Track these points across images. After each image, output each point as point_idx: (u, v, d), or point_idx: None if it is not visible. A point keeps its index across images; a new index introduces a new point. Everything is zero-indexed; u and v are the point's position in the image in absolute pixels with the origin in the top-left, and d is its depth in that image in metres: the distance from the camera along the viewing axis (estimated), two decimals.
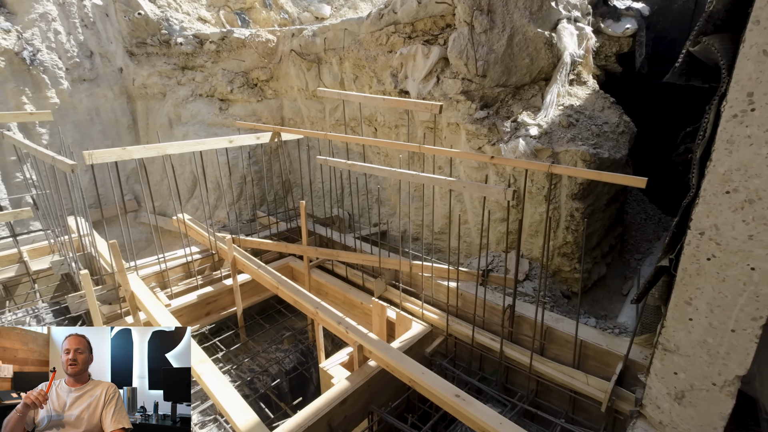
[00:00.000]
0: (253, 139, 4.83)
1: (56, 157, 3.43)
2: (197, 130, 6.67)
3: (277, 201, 7.19)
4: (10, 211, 4.65)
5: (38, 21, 6.02)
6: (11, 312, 4.87)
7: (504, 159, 2.95)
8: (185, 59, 6.83)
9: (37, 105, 6.19)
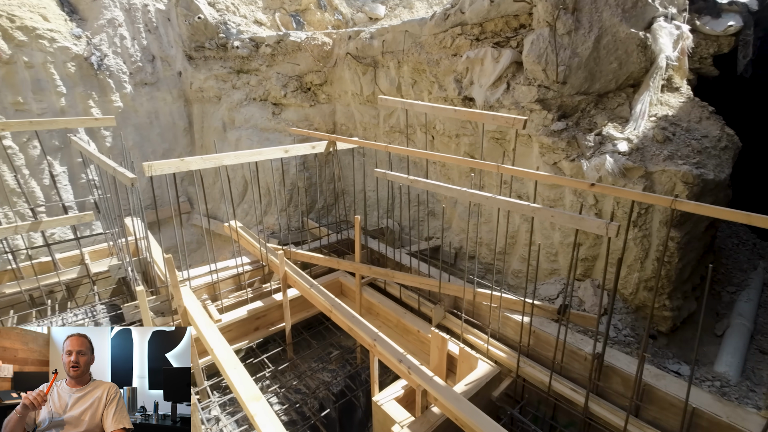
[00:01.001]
0: (309, 149, 4.61)
1: (117, 169, 3.36)
2: (250, 134, 6.60)
3: (326, 208, 7.00)
4: (73, 215, 4.74)
5: (106, 27, 6.19)
6: (72, 312, 4.99)
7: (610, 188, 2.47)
8: (240, 63, 6.79)
9: (103, 108, 6.38)
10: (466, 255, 5.53)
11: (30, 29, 5.53)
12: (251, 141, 6.54)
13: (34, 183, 5.99)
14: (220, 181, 7.13)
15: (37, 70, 5.73)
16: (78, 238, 5.09)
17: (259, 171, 6.55)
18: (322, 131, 6.67)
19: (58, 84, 5.91)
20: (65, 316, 4.96)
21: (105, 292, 5.33)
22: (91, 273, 5.12)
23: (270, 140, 6.53)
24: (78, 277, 5.12)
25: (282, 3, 7.59)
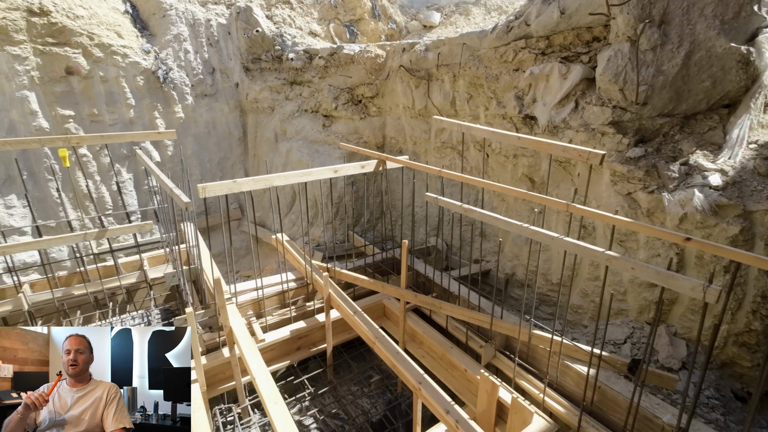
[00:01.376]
0: (358, 168, 4.50)
1: (174, 191, 3.42)
2: (300, 146, 6.64)
3: (372, 222, 6.89)
4: (134, 224, 4.99)
5: (172, 41, 6.50)
6: (130, 315, 5.27)
7: (716, 247, 2.06)
8: (294, 74, 6.86)
9: (166, 119, 6.72)
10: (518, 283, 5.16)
11: (106, 46, 5.93)
12: (301, 153, 6.58)
13: (104, 189, 6.42)
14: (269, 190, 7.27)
15: (111, 84, 6.13)
16: (138, 245, 5.36)
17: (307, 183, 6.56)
18: (371, 144, 6.56)
19: (128, 97, 6.29)
20: (124, 318, 5.24)
21: (161, 298, 5.57)
22: (148, 278, 5.36)
23: (319, 152, 6.53)
24: (137, 281, 5.38)
25: (337, 14, 7.59)
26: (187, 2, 6.72)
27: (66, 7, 5.66)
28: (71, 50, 5.74)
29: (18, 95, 5.56)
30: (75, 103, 5.98)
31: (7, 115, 5.63)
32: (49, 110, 5.82)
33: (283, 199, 7.00)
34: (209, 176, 7.30)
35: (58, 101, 5.85)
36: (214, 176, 7.38)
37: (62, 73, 5.77)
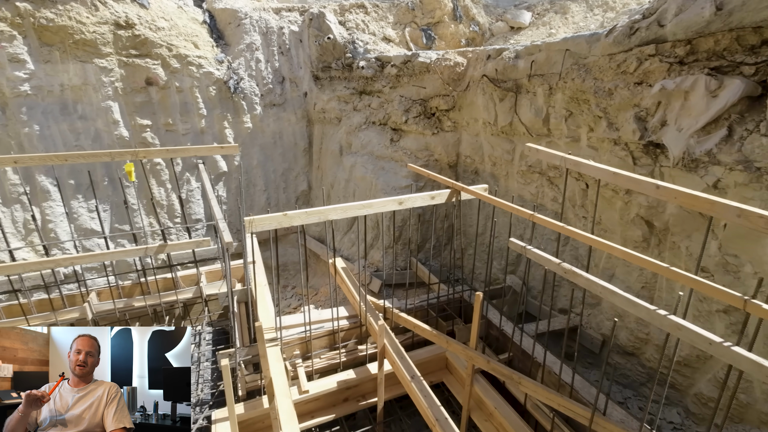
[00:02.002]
0: (427, 200, 3.83)
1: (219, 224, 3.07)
2: (365, 161, 6.15)
3: (438, 248, 6.17)
4: (193, 240, 4.86)
5: (244, 51, 6.40)
6: None
7: None
8: (364, 83, 6.38)
9: (235, 129, 6.66)
10: (621, 349, 4.11)
11: (183, 57, 5.97)
12: (365, 169, 6.08)
13: (174, 197, 6.53)
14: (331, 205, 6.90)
15: (185, 94, 6.19)
16: (196, 261, 5.24)
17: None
18: (443, 163, 5.84)
19: (200, 107, 6.30)
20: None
21: (215, 315, 5.43)
22: (204, 295, 5.23)
23: (385, 170, 5.97)
24: (193, 297, 5.28)
25: (413, 17, 6.97)
26: (261, 10, 6.58)
27: (149, 19, 5.78)
28: (151, 61, 5.85)
29: (103, 105, 5.79)
30: (152, 112, 6.12)
31: (94, 124, 5.90)
32: (129, 120, 6.01)
33: None
34: (273, 187, 7.16)
35: (137, 111, 6.01)
36: (278, 187, 7.21)
37: (142, 84, 5.91)
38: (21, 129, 5.50)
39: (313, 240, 7.19)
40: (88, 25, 5.39)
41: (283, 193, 7.24)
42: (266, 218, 3.18)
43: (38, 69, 5.39)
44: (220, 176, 6.76)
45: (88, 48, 5.48)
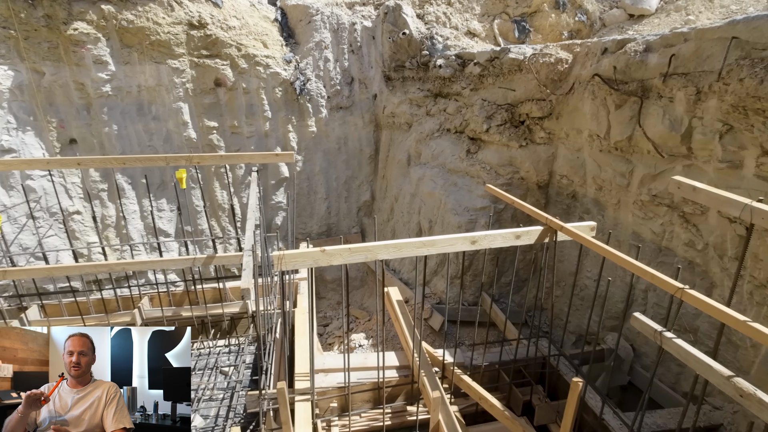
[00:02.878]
0: (510, 239, 2.89)
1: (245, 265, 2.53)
2: (435, 175, 5.32)
3: (517, 283, 5.11)
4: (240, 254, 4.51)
5: (313, 49, 5.98)
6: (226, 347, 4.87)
7: None
8: (440, 85, 5.55)
9: (299, 133, 6.29)
10: None
11: (251, 57, 5.72)
12: (434, 184, 5.25)
13: (236, 200, 6.37)
14: (393, 219, 6.20)
15: (251, 95, 5.95)
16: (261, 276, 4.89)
17: (436, 223, 5.20)
18: (530, 183, 4.77)
19: (265, 109, 6.03)
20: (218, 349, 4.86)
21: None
22: (249, 310, 4.88)
23: (457, 186, 5.08)
24: (240, 311, 4.97)
25: (505, 6, 5.94)
26: (333, 5, 6.11)
27: (221, 18, 5.61)
28: (221, 62, 5.69)
29: (174, 107, 5.78)
30: (219, 114, 5.98)
31: (165, 125, 5.93)
32: (197, 121, 5.94)
33: (407, 235, 5.82)
34: (334, 195, 6.67)
35: (205, 113, 5.92)
36: (339, 196, 6.72)
37: (211, 85, 5.78)
38: (102, 128, 5.70)
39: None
40: (164, 25, 5.36)
41: (344, 203, 6.73)
42: (299, 254, 2.54)
43: (119, 70, 5.52)
44: (281, 182, 6.46)
45: (162, 49, 5.47)
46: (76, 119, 5.61)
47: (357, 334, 5.33)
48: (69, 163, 4.11)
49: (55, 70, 5.33)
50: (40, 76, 5.32)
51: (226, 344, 4.86)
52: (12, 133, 5.45)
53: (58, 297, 4.65)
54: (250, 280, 2.27)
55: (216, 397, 4.12)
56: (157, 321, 4.79)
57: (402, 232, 5.86)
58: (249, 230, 2.98)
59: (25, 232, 5.71)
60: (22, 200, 5.63)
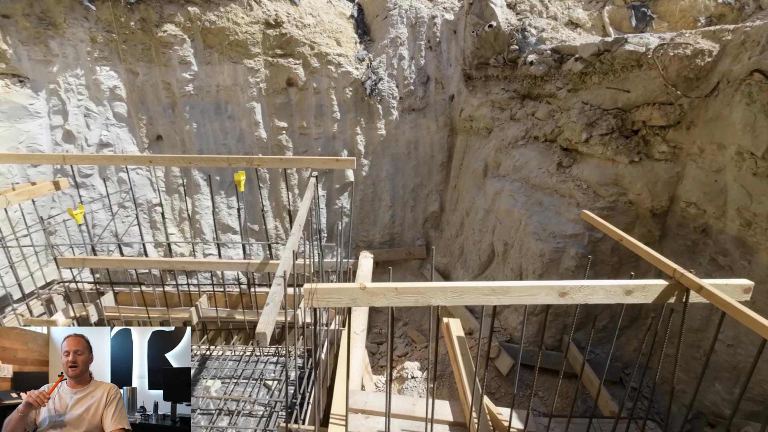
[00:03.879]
0: (617, 294, 2.11)
1: (274, 295, 2.12)
2: (515, 190, 4.55)
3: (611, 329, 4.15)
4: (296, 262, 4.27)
5: (388, 46, 5.55)
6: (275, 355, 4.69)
7: None
8: (530, 85, 4.75)
9: (367, 136, 5.93)
10: None
11: (323, 55, 5.49)
12: (514, 201, 4.49)
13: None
14: (463, 236, 5.53)
15: (321, 96, 5.74)
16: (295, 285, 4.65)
17: (512, 246, 4.45)
18: (642, 208, 3.78)
19: (334, 110, 5.78)
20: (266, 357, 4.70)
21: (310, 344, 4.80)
22: (299, 321, 4.63)
23: (542, 206, 4.26)
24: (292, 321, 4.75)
25: None
26: None
27: (297, 16, 5.46)
28: (293, 61, 5.55)
29: (247, 106, 5.80)
30: (289, 114, 5.88)
31: (239, 124, 6.00)
32: (268, 121, 5.90)
33: (477, 255, 5.12)
34: (400, 203, 6.20)
35: (276, 113, 5.85)
36: (405, 205, 6.22)
37: (283, 85, 5.69)
38: (184, 126, 5.94)
39: (436, 273, 5.96)
40: (242, 25, 5.37)
41: (410, 212, 6.23)
42: (334, 290, 2.09)
43: (200, 70, 5.68)
44: (345, 186, 6.18)
45: (239, 49, 5.49)
46: (163, 117, 5.92)
47: (411, 362, 4.80)
48: (142, 160, 4.23)
49: (147, 71, 5.66)
50: (135, 77, 5.69)
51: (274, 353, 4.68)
52: (110, 129, 5.93)
53: (129, 287, 4.86)
54: (270, 322, 1.87)
55: (255, 414, 3.91)
56: (212, 320, 4.78)
57: (471, 251, 5.17)
58: (288, 249, 2.62)
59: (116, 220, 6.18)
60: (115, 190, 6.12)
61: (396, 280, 6.29)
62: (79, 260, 4.33)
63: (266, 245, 4.64)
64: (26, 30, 5.28)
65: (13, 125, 5.57)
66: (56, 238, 5.98)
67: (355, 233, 6.32)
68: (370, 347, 5.68)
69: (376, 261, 6.33)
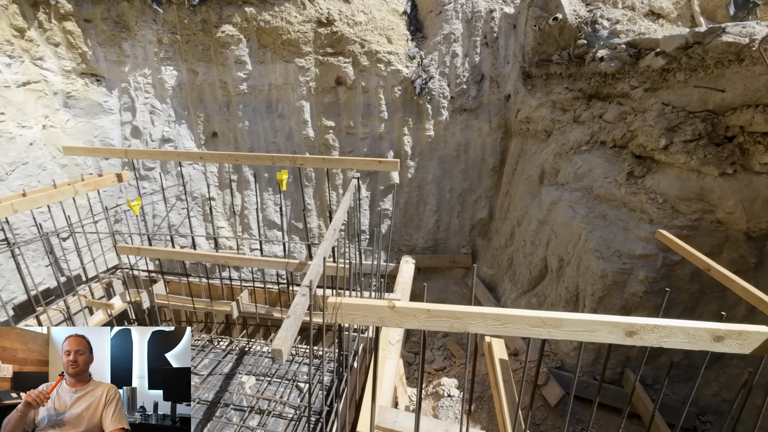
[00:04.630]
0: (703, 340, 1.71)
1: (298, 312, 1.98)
2: (575, 200, 4.09)
3: (685, 370, 3.58)
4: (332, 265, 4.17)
5: (441, 43, 5.28)
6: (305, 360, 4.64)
7: None
8: (598, 83, 4.25)
9: (414, 137, 5.71)
10: None
11: (373, 53, 5.36)
12: (573, 213, 4.03)
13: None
14: (512, 247, 5.13)
15: (370, 95, 5.61)
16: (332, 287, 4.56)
17: (568, 263, 4.02)
18: (734, 229, 3.19)
19: (382, 110, 5.62)
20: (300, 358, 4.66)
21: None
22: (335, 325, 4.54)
23: (607, 219, 3.78)
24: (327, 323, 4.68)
25: None
26: None
27: (349, 13, 5.38)
28: (343, 59, 5.48)
29: (297, 105, 5.83)
30: (337, 114, 5.82)
31: (288, 123, 6.05)
32: (316, 120, 5.89)
33: (526, 269, 4.70)
34: (446, 208, 5.91)
35: (324, 112, 5.83)
36: (452, 210, 5.92)
37: (332, 84, 5.64)
38: (237, 124, 6.12)
39: (482, 284, 5.60)
40: (295, 24, 5.39)
41: (456, 218, 5.91)
42: (361, 306, 1.90)
43: (254, 70, 5.80)
44: (390, 188, 6.01)
45: (291, 48, 5.52)
46: (218, 115, 6.14)
47: (448, 378, 4.52)
48: (193, 156, 4.37)
49: (206, 70, 5.89)
50: (195, 76, 5.95)
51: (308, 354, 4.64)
52: (171, 125, 6.26)
53: (179, 277, 5.06)
54: (288, 338, 1.73)
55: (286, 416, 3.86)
56: (251, 316, 4.84)
57: (521, 264, 4.76)
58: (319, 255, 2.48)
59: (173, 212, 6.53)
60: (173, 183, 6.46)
61: (438, 288, 6.01)
62: (135, 249, 4.58)
63: (307, 245, 4.60)
64: (104, 33, 5.70)
65: (90, 120, 6.06)
66: (122, 226, 6.44)
67: (398, 237, 6.14)
68: (407, 356, 5.47)
69: (418, 267, 6.10)
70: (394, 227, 6.12)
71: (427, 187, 5.85)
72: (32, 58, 5.36)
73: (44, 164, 5.47)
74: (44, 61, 5.49)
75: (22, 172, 5.22)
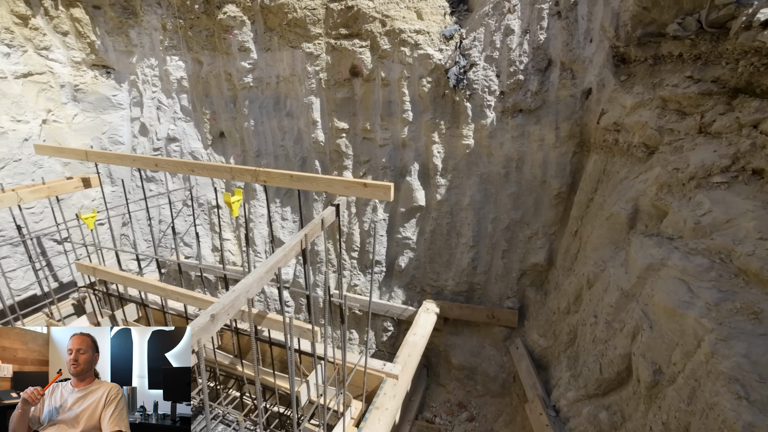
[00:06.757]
0: None
1: None
2: (693, 273, 2.33)
3: None
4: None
5: (488, 16, 3.75)
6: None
7: None
8: (750, 70, 2.43)
9: (447, 146, 4.24)
10: None
11: (396, 33, 4.02)
12: (689, 295, 2.29)
13: (355, 225, 4.95)
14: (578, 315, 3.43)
15: (391, 89, 4.29)
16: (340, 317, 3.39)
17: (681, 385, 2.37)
18: None
19: (405, 108, 4.27)
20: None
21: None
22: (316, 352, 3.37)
23: (761, 320, 1.99)
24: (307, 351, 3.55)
25: None
26: None
27: None
28: (359, 43, 4.24)
29: (305, 101, 4.74)
30: (352, 113, 4.61)
31: (297, 123, 5.00)
32: (327, 120, 4.75)
33: (595, 358, 2.98)
34: (486, 244, 4.34)
35: (336, 110, 4.65)
36: (495, 246, 4.33)
37: (346, 75, 4.43)
38: (243, 123, 5.24)
39: (527, 358, 3.94)
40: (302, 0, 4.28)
41: (500, 259, 4.32)
42: None
43: (260, 58, 4.85)
44: (413, 211, 4.62)
45: (298, 29, 4.43)
46: (225, 111, 5.33)
47: None
48: (148, 162, 3.50)
49: (211, 60, 5.09)
50: (200, 66, 5.20)
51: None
52: (177, 123, 5.60)
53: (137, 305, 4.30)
54: None
55: None
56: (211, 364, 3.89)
57: (588, 351, 3.08)
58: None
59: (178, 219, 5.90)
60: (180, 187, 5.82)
61: (469, 349, 4.46)
62: (91, 268, 3.88)
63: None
64: (112, 20, 5.20)
65: (98, 116, 5.64)
66: (127, 230, 5.98)
67: (422, 274, 4.73)
68: None
69: (445, 316, 4.63)
70: (417, 261, 4.72)
71: (461, 214, 4.34)
72: (36, 47, 4.99)
73: (41, 162, 5.09)
74: (51, 51, 5.11)
75: (13, 170, 4.86)
